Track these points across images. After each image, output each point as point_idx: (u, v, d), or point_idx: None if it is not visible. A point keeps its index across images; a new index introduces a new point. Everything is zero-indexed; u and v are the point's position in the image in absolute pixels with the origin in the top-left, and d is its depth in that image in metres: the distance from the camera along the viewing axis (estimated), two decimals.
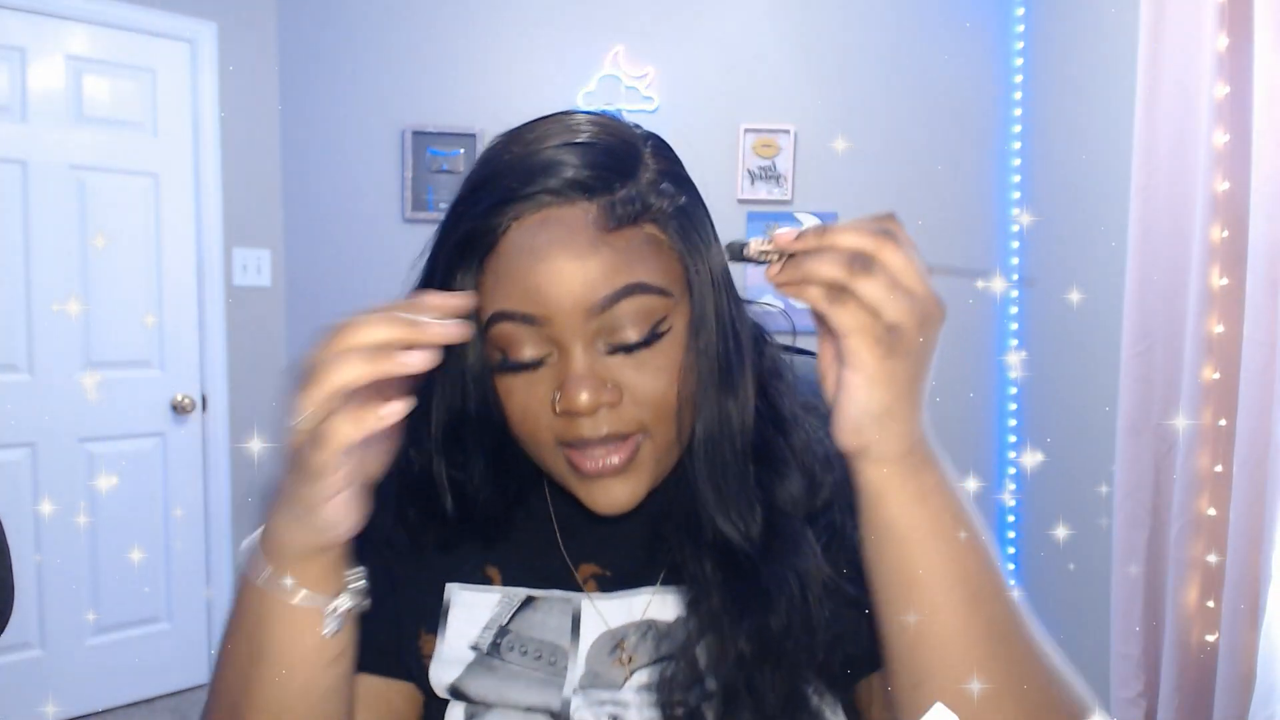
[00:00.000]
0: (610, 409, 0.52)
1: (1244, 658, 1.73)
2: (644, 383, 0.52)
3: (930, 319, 0.43)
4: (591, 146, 0.52)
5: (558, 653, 0.60)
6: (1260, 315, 1.70)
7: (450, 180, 2.82)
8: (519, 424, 0.54)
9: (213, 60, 2.64)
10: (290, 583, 0.47)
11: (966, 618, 0.45)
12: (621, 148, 0.54)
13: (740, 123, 2.88)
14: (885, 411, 0.44)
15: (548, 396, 0.52)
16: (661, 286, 0.52)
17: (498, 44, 2.83)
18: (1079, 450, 2.48)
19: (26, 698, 2.43)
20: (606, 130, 0.55)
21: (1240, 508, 1.73)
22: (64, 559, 2.48)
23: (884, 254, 0.42)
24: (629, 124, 0.57)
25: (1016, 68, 2.91)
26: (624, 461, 0.53)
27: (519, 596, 0.62)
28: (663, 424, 0.54)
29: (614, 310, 0.50)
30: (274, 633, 0.48)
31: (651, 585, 0.61)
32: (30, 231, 2.39)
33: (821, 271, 0.43)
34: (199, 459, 2.69)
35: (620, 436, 0.53)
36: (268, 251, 2.79)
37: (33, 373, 2.42)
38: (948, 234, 2.95)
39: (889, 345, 0.42)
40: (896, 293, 0.41)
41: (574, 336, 0.51)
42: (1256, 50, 1.72)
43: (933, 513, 0.46)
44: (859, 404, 0.44)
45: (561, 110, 0.56)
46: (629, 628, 0.60)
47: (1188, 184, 1.94)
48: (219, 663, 0.52)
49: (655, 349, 0.52)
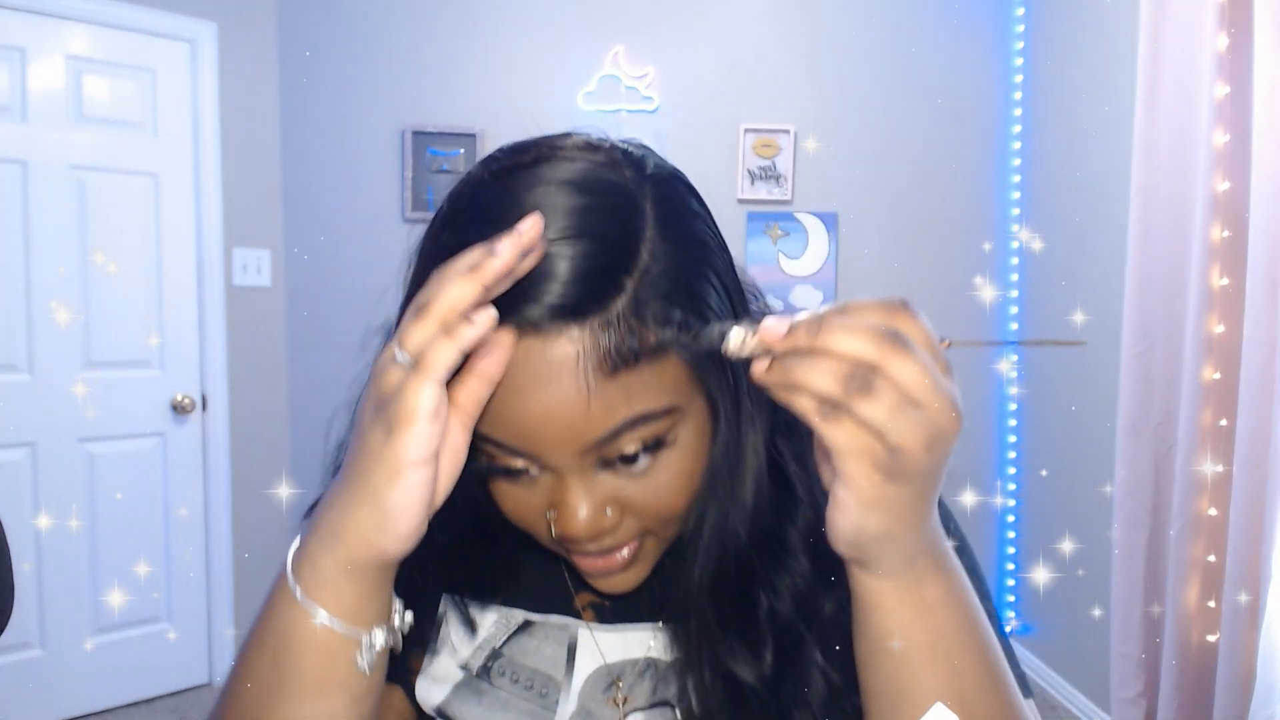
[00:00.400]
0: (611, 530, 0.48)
1: (1244, 658, 1.73)
2: (646, 497, 0.48)
3: (942, 436, 0.36)
4: (580, 242, 0.43)
5: (550, 684, 0.58)
6: (1260, 315, 1.70)
7: (450, 180, 2.82)
8: (514, 520, 0.51)
9: (213, 60, 2.64)
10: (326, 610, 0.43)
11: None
12: (617, 231, 0.44)
13: (740, 123, 2.88)
14: (883, 535, 0.39)
15: (542, 506, 0.48)
16: (666, 407, 0.45)
17: (498, 44, 2.83)
18: (1079, 451, 2.48)
19: (26, 698, 2.43)
20: (599, 200, 0.45)
21: (1240, 508, 1.73)
22: (64, 559, 2.48)
23: (891, 366, 0.35)
24: (627, 170, 0.47)
25: (1016, 68, 2.91)
26: (625, 561, 0.51)
27: (516, 619, 0.60)
28: (667, 526, 0.51)
29: (612, 444, 0.45)
30: (303, 658, 0.44)
31: (654, 621, 0.58)
32: (30, 231, 2.39)
33: (814, 384, 0.37)
34: (199, 459, 2.69)
35: (621, 545, 0.50)
36: (268, 251, 2.79)
37: (33, 373, 2.42)
38: (947, 234, 2.95)
39: (890, 470, 0.37)
40: (904, 414, 0.35)
41: (567, 467, 0.46)
42: (1256, 50, 1.72)
43: (932, 629, 0.42)
44: (852, 524, 0.39)
45: (544, 151, 0.47)
46: (626, 665, 0.58)
47: (1188, 184, 1.94)
48: (235, 678, 0.47)
49: (658, 461, 0.47)
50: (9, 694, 2.40)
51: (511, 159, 0.48)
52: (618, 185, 0.46)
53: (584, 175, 0.46)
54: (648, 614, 0.59)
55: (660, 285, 0.44)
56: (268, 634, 0.44)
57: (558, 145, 0.48)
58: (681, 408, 0.46)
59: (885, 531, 0.39)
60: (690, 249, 0.47)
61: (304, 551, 0.43)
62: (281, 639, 0.44)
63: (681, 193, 0.50)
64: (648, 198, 0.46)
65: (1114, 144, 2.28)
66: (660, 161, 0.51)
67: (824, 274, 2.90)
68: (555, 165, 0.46)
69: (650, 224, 0.45)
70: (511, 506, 0.50)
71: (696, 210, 0.50)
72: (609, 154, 0.48)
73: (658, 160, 0.51)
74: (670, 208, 0.47)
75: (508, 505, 0.50)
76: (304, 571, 0.43)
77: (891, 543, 0.40)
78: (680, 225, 0.47)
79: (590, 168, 0.46)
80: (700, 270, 0.46)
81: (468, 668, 0.59)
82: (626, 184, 0.46)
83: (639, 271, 0.43)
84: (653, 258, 0.44)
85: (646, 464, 0.47)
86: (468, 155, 2.82)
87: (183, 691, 2.68)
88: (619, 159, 0.48)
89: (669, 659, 0.57)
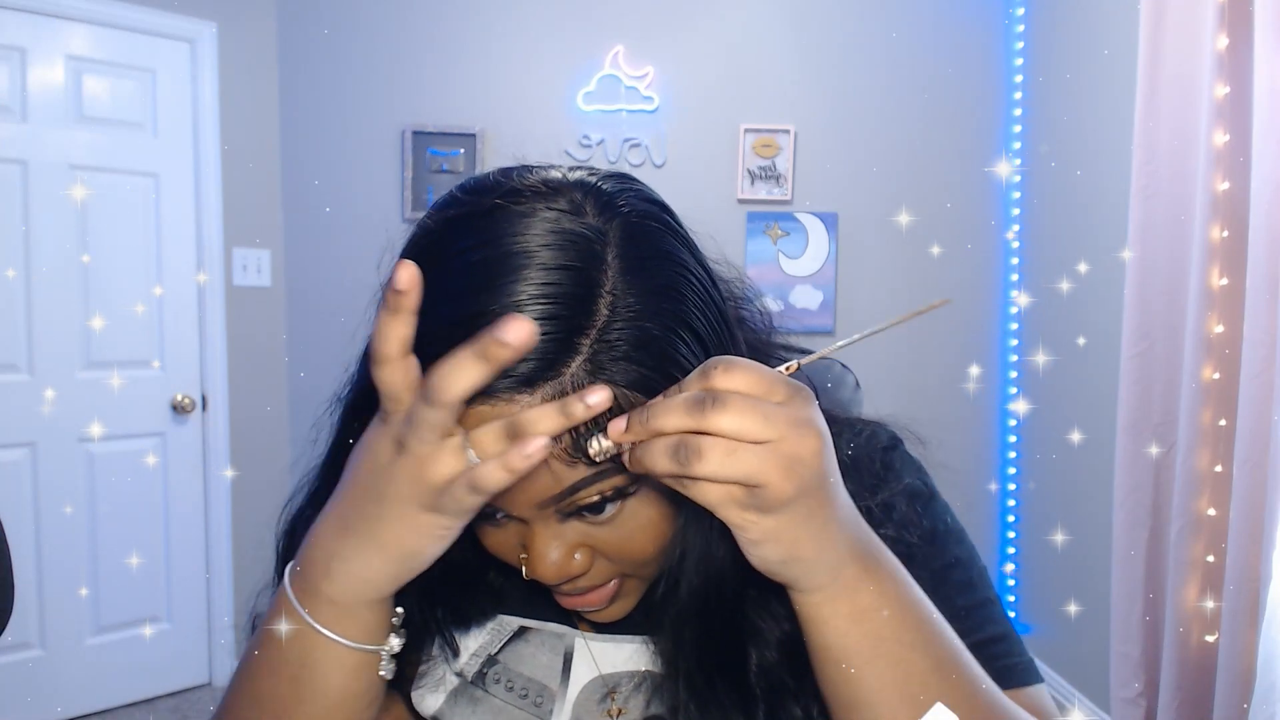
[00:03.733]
0: (582, 574, 0.49)
1: (1244, 658, 1.73)
2: (615, 542, 0.48)
3: (796, 459, 0.37)
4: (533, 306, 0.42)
5: (544, 694, 0.58)
6: (1260, 315, 1.70)
7: (450, 180, 2.82)
8: (496, 555, 0.52)
9: (213, 60, 2.64)
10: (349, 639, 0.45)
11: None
12: (572, 288, 0.42)
13: (740, 123, 2.88)
14: (788, 559, 0.40)
15: (515, 546, 0.49)
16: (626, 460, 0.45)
17: (498, 44, 2.83)
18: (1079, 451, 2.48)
19: (26, 698, 2.43)
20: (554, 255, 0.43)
21: (1240, 508, 1.73)
22: (64, 559, 2.48)
23: (710, 424, 0.36)
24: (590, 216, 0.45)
25: (1016, 68, 2.91)
26: (605, 599, 0.52)
27: (512, 626, 0.60)
28: (643, 568, 0.51)
29: (571, 499, 0.45)
30: (327, 678, 0.45)
31: (652, 635, 0.58)
32: (30, 231, 2.39)
33: (654, 466, 0.38)
34: (199, 459, 2.69)
35: (597, 586, 0.51)
36: (268, 251, 2.79)
37: (33, 373, 2.42)
38: (947, 234, 2.95)
39: (760, 506, 0.38)
40: (739, 456, 0.36)
41: (531, 517, 0.47)
42: (1256, 50, 1.72)
43: (871, 635, 0.42)
44: (757, 559, 0.41)
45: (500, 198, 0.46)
46: (623, 676, 0.58)
47: (1188, 184, 1.94)
48: (240, 700, 0.48)
49: (626, 509, 0.47)
50: (9, 694, 2.40)
51: (469, 203, 0.46)
52: (577, 235, 0.44)
53: (542, 228, 0.44)
54: (645, 627, 0.58)
55: (619, 345, 0.43)
56: (281, 662, 0.45)
57: (517, 189, 0.46)
58: None
59: (788, 557, 0.40)
60: (657, 298, 0.44)
61: (311, 587, 0.44)
62: (301, 665, 0.45)
63: (652, 234, 0.47)
64: (612, 245, 0.45)
65: (1114, 144, 2.28)
66: (634, 197, 0.48)
67: (824, 274, 2.90)
68: (510, 217, 0.44)
69: (611, 275, 0.44)
70: (491, 544, 0.51)
71: (668, 250, 0.47)
72: (571, 197, 0.46)
73: (631, 194, 0.48)
74: (636, 253, 0.45)
75: (488, 543, 0.51)
76: (317, 605, 0.44)
77: (800, 564, 0.41)
78: (646, 273, 0.45)
79: (551, 218, 0.44)
80: (665, 320, 0.44)
81: (463, 675, 0.59)
82: (586, 233, 0.44)
83: (595, 330, 0.42)
84: (613, 312, 0.43)
85: (613, 511, 0.47)
86: (468, 155, 2.82)
87: (183, 691, 2.68)
88: (580, 201, 0.46)
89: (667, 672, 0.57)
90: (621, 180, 0.49)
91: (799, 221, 2.90)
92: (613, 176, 0.49)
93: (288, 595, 0.45)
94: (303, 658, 0.45)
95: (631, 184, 0.50)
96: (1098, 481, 2.32)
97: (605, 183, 0.48)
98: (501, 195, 0.46)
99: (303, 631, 0.44)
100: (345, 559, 0.43)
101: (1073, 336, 2.57)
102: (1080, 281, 2.54)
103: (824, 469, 0.39)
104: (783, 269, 2.90)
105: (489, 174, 0.49)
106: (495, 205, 0.45)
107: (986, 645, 0.50)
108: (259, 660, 0.47)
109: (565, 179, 0.47)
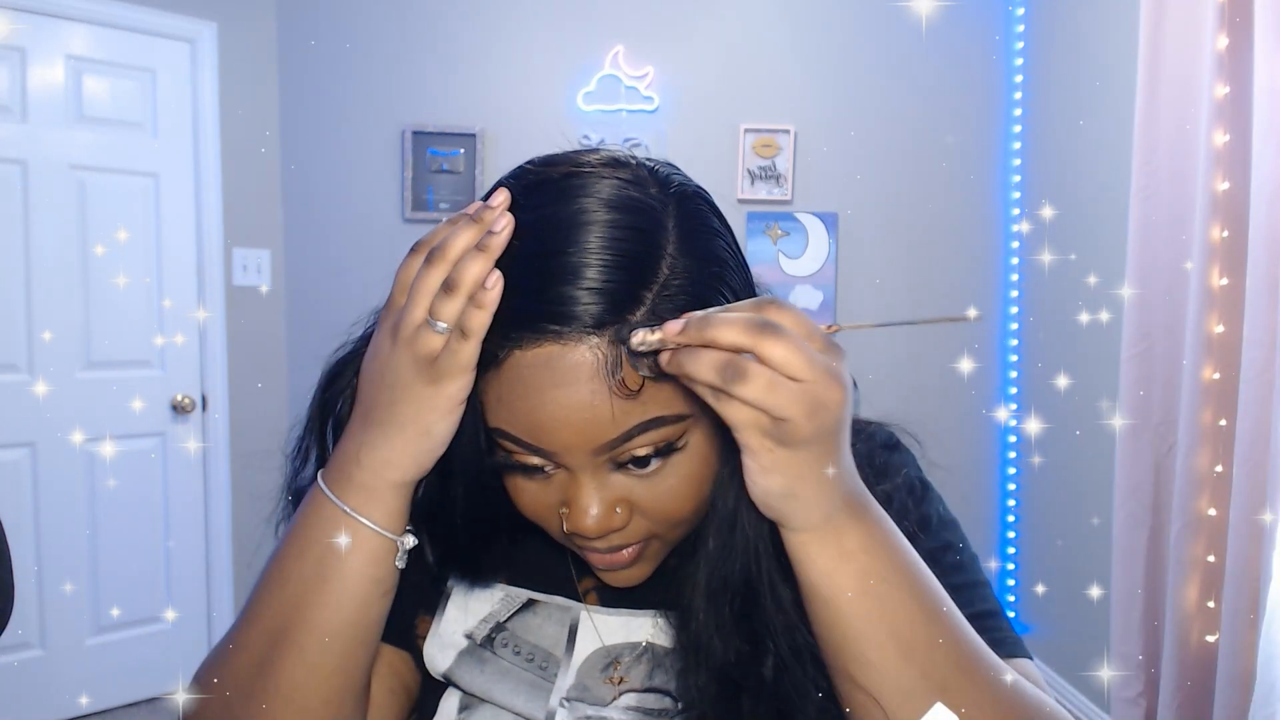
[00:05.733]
0: (620, 529, 0.51)
1: (1244, 658, 1.73)
2: (655, 500, 0.51)
3: (822, 405, 0.40)
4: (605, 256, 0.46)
5: (550, 660, 0.60)
6: (1260, 315, 1.70)
7: (450, 180, 2.82)
8: (527, 514, 0.54)
9: (213, 60, 2.64)
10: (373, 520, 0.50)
11: (901, 671, 0.45)
12: (640, 247, 0.47)
13: (740, 123, 2.88)
14: (787, 494, 0.43)
15: (555, 503, 0.52)
16: (678, 413, 0.48)
17: (498, 44, 2.83)
18: (1079, 451, 2.48)
19: (26, 698, 2.43)
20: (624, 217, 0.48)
21: (1240, 508, 1.73)
22: (64, 559, 2.48)
23: (763, 349, 0.40)
24: (652, 188, 0.50)
25: (1017, 68, 2.91)
26: (632, 557, 0.54)
27: (520, 598, 0.62)
28: (674, 530, 0.54)
29: (624, 446, 0.48)
30: (349, 559, 0.50)
31: (655, 609, 0.60)
32: (30, 231, 2.39)
33: (698, 374, 0.41)
34: (199, 459, 2.69)
35: (628, 544, 0.53)
36: (268, 251, 2.79)
37: (33, 373, 2.42)
38: (947, 234, 2.95)
39: (779, 438, 0.41)
40: (778, 389, 0.40)
41: (580, 466, 0.49)
42: (1256, 50, 1.72)
43: (857, 574, 0.45)
44: (759, 487, 0.44)
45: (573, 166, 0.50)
46: (625, 647, 0.60)
47: (1188, 184, 1.94)
48: (266, 584, 0.52)
49: (669, 465, 0.50)
50: (9, 694, 2.41)
51: (541, 172, 0.51)
52: (642, 203, 0.49)
53: (611, 192, 0.49)
54: (649, 602, 0.60)
55: (677, 299, 0.47)
56: (310, 543, 0.50)
57: (586, 161, 0.51)
58: (694, 415, 0.49)
59: (788, 490, 0.43)
60: (708, 265, 0.49)
61: (344, 475, 0.50)
62: (328, 546, 0.50)
63: (704, 211, 0.52)
64: (671, 215, 0.49)
65: (1114, 144, 2.28)
66: (685, 179, 0.54)
67: (824, 274, 2.90)
68: (583, 181, 0.49)
69: (671, 240, 0.48)
70: (526, 501, 0.53)
71: (717, 228, 0.52)
72: (635, 171, 0.51)
73: (682, 178, 0.53)
74: (692, 225, 0.50)
75: (523, 500, 0.53)
76: (348, 491, 0.50)
77: (797, 500, 0.44)
78: (700, 242, 0.50)
79: (617, 185, 0.49)
80: (715, 286, 0.49)
81: (472, 636, 0.61)
82: (651, 201, 0.49)
83: (658, 285, 0.47)
84: (672, 272, 0.47)
85: (657, 467, 0.50)
86: (468, 155, 2.82)
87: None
88: (645, 176, 0.51)
89: (668, 645, 0.59)
90: (671, 166, 0.55)
91: (799, 221, 2.90)
92: (664, 163, 0.55)
93: (320, 486, 0.50)
94: (329, 540, 0.50)
95: (680, 171, 0.55)
96: (1098, 482, 2.32)
97: (660, 166, 0.53)
98: (571, 166, 0.51)
99: (332, 516, 0.50)
100: (373, 446, 0.49)
101: (1073, 336, 2.57)
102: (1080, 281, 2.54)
103: (842, 418, 0.42)
104: (783, 269, 2.90)
105: (555, 153, 0.54)
106: (567, 172, 0.50)
107: (976, 619, 0.51)
108: (288, 546, 0.52)
109: (626, 159, 0.52)
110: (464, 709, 0.61)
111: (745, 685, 0.53)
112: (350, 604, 0.50)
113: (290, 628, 0.50)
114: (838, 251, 2.91)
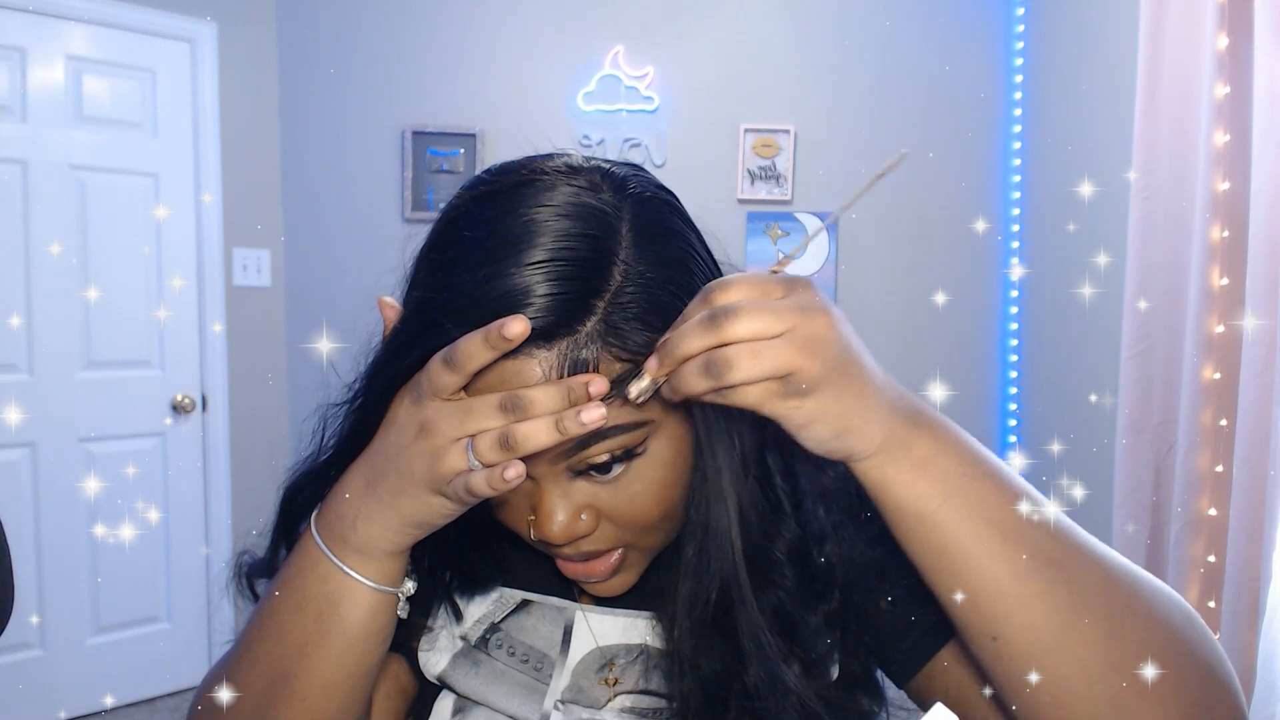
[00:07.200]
0: (587, 535, 0.51)
1: (1244, 658, 1.73)
2: (620, 506, 0.51)
3: (815, 340, 0.40)
4: (553, 267, 0.45)
5: (544, 661, 0.60)
6: (1260, 315, 1.70)
7: (450, 180, 2.82)
8: (502, 521, 0.54)
9: (213, 60, 2.64)
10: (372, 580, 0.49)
11: (1009, 560, 0.44)
12: (590, 254, 0.47)
13: (740, 123, 2.88)
14: (840, 432, 0.43)
15: (524, 510, 0.52)
16: (636, 421, 0.48)
17: (498, 44, 2.83)
18: (1079, 451, 2.48)
19: (26, 698, 2.43)
20: (574, 224, 0.47)
21: (1240, 508, 1.73)
22: (64, 559, 2.48)
23: (725, 336, 0.40)
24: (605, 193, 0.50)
25: (1016, 68, 2.91)
26: (608, 570, 0.54)
27: (515, 598, 0.62)
28: (646, 536, 0.53)
29: (580, 454, 0.48)
30: (350, 615, 0.50)
31: (650, 610, 0.60)
32: (30, 231, 2.39)
33: (695, 389, 0.41)
34: (199, 459, 2.69)
35: (601, 553, 0.53)
36: (268, 251, 2.79)
37: (33, 373, 2.42)
38: (947, 234, 2.95)
39: (798, 391, 0.41)
40: (763, 355, 0.39)
41: (541, 475, 0.50)
42: (1256, 50, 1.72)
43: (938, 477, 0.44)
44: (811, 442, 0.43)
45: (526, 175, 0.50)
46: (621, 649, 0.60)
47: (1188, 184, 1.94)
48: (262, 635, 0.52)
49: (632, 470, 0.50)
50: (9, 694, 2.40)
51: (495, 182, 0.51)
52: (594, 209, 0.48)
53: (563, 199, 0.48)
54: (646, 602, 0.60)
55: (631, 307, 0.47)
56: (308, 598, 0.50)
57: (540, 168, 0.51)
58: (655, 420, 0.49)
59: (838, 429, 0.42)
60: (664, 268, 0.49)
61: (339, 536, 0.49)
62: (327, 602, 0.50)
63: (662, 213, 0.52)
64: (625, 219, 0.49)
65: (1114, 144, 2.28)
66: (645, 182, 0.53)
67: (824, 274, 2.90)
68: (535, 190, 0.49)
69: (625, 245, 0.48)
70: (501, 510, 0.53)
71: (677, 230, 0.52)
72: (589, 176, 0.51)
73: (643, 179, 0.53)
74: (648, 228, 0.50)
75: (498, 509, 0.54)
76: (345, 551, 0.49)
77: (852, 433, 0.43)
78: (656, 246, 0.49)
79: (570, 192, 0.49)
80: (675, 289, 0.49)
81: (466, 638, 0.61)
82: (603, 207, 0.49)
83: (609, 294, 0.46)
84: (626, 279, 0.47)
85: (620, 473, 0.50)
86: (468, 155, 2.82)
87: (183, 691, 2.68)
88: (598, 181, 0.50)
89: (663, 648, 0.58)
90: (633, 168, 0.54)
91: (799, 221, 2.90)
92: (626, 164, 0.54)
93: (317, 542, 0.50)
94: (329, 597, 0.50)
95: (643, 172, 0.54)
96: (1098, 481, 2.32)
97: (619, 168, 0.53)
98: (525, 174, 0.50)
99: (330, 573, 0.49)
100: (369, 518, 0.48)
101: (1073, 337, 2.57)
102: (1080, 281, 2.54)
103: (844, 341, 0.42)
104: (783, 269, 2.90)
105: (513, 160, 0.53)
106: (520, 180, 0.50)
107: None
108: (282, 599, 0.51)
109: (583, 163, 0.52)
110: (458, 712, 0.61)
111: (730, 692, 0.53)
112: (351, 655, 0.50)
113: (290, 677, 0.50)
114: (837, 251, 2.91)
